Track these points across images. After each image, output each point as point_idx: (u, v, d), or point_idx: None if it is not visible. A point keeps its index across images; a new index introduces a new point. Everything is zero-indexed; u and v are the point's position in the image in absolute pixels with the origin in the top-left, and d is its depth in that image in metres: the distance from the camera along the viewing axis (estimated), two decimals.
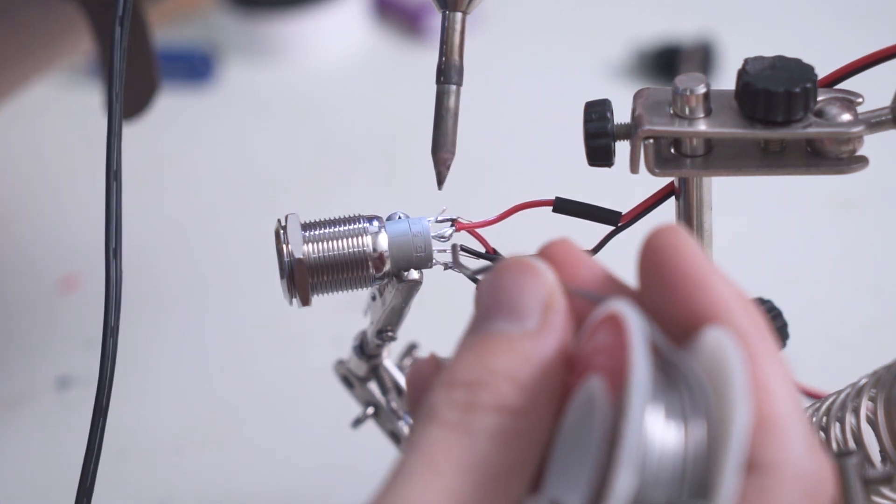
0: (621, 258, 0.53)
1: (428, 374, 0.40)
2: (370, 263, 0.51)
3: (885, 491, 0.46)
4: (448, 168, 0.52)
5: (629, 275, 0.42)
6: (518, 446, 0.35)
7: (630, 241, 0.54)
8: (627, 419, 0.32)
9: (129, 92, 0.80)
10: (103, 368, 0.52)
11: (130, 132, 1.14)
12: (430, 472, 0.34)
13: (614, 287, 0.39)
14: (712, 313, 0.36)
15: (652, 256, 0.37)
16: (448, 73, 0.52)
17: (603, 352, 0.35)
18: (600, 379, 0.34)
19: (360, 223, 0.51)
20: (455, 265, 0.51)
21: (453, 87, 0.52)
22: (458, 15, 0.52)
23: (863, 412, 0.49)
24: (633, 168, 0.48)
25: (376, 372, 0.61)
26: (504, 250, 0.53)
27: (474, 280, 0.50)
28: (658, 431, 0.33)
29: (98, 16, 0.75)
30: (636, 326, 0.34)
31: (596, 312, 0.37)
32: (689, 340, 0.36)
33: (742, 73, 0.46)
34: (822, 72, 0.47)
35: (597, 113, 0.49)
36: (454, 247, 0.52)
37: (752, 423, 0.33)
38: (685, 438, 0.33)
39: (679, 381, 0.34)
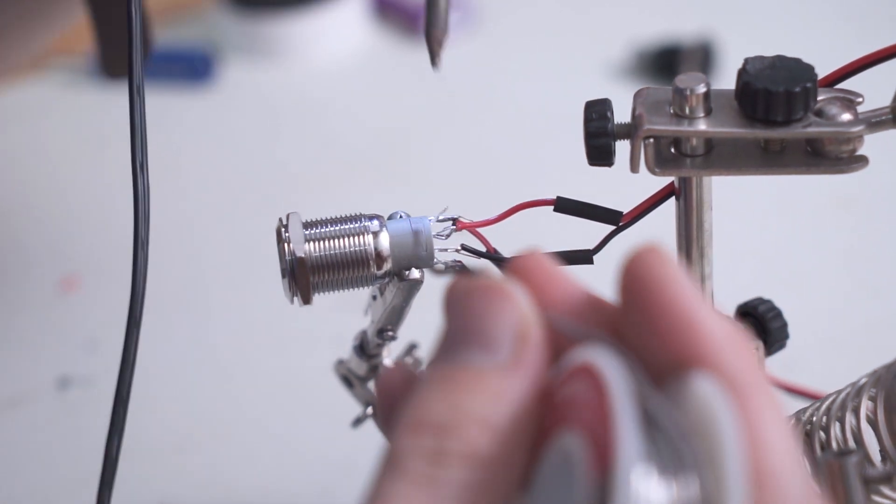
0: (622, 258, 0.54)
1: (397, 385, 0.37)
2: (371, 262, 0.51)
3: (886, 490, 0.46)
4: (441, 46, 0.51)
5: None
6: (487, 499, 0.32)
7: (631, 242, 0.54)
8: (616, 499, 0.30)
9: (119, 52, 0.80)
10: (125, 359, 0.52)
11: (129, 133, 1.14)
12: None
13: (593, 308, 0.36)
14: (699, 355, 0.32)
15: (632, 285, 0.34)
16: None
17: (580, 406, 0.32)
18: (578, 437, 0.32)
19: (361, 222, 0.51)
20: (435, 272, 0.50)
21: None
22: None
23: (863, 412, 0.49)
24: (634, 168, 0.48)
25: (376, 372, 0.62)
26: (505, 250, 0.53)
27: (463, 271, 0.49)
28: (646, 496, 0.30)
29: None
30: (619, 390, 0.31)
31: (573, 354, 0.34)
32: (673, 381, 0.33)
33: (742, 73, 0.46)
34: (822, 72, 0.47)
35: (597, 113, 0.49)
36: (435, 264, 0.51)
37: (748, 486, 0.31)
38: (675, 499, 0.30)
39: (665, 438, 0.31)
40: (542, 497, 0.33)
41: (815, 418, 0.51)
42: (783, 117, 0.46)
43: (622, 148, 0.49)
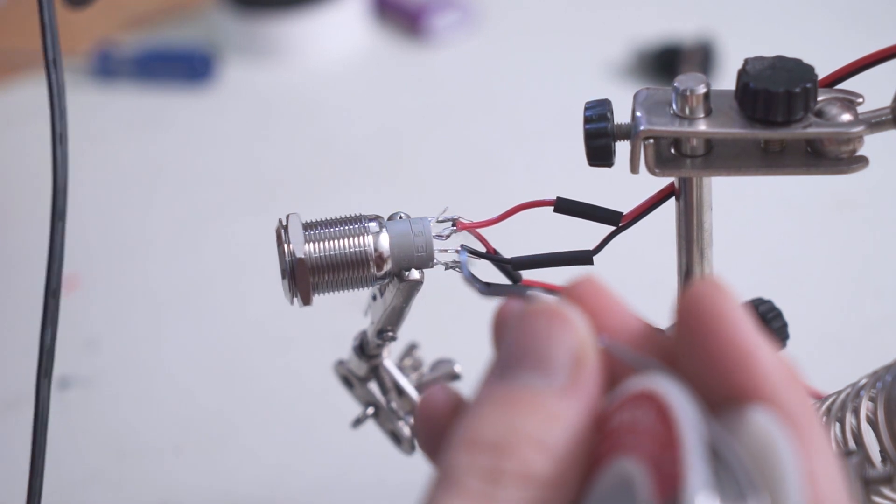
0: (622, 258, 0.54)
1: (440, 405, 0.38)
2: (371, 263, 0.51)
3: (886, 491, 0.46)
4: None
5: (630, 275, 0.42)
6: None
7: (631, 242, 0.54)
8: None
9: None
10: (44, 335, 0.52)
11: (130, 132, 1.15)
12: None
13: (648, 337, 0.36)
14: (758, 391, 0.33)
15: (691, 320, 0.34)
16: None
17: (643, 434, 0.33)
18: (640, 465, 0.32)
19: (361, 223, 0.51)
20: (468, 281, 0.50)
21: None
22: None
23: (863, 412, 0.49)
24: (633, 168, 0.48)
25: (376, 372, 0.61)
26: (505, 250, 0.53)
27: (490, 293, 0.49)
28: None
29: None
30: (689, 422, 0.32)
31: (633, 381, 0.35)
32: (730, 413, 0.34)
33: (742, 73, 0.46)
34: (822, 72, 0.47)
35: (597, 113, 0.49)
36: (467, 270, 0.51)
37: None
38: None
39: (725, 464, 0.32)
40: None
41: None
42: (783, 118, 0.46)
43: (622, 148, 0.49)
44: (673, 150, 0.49)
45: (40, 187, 1.07)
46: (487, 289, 0.50)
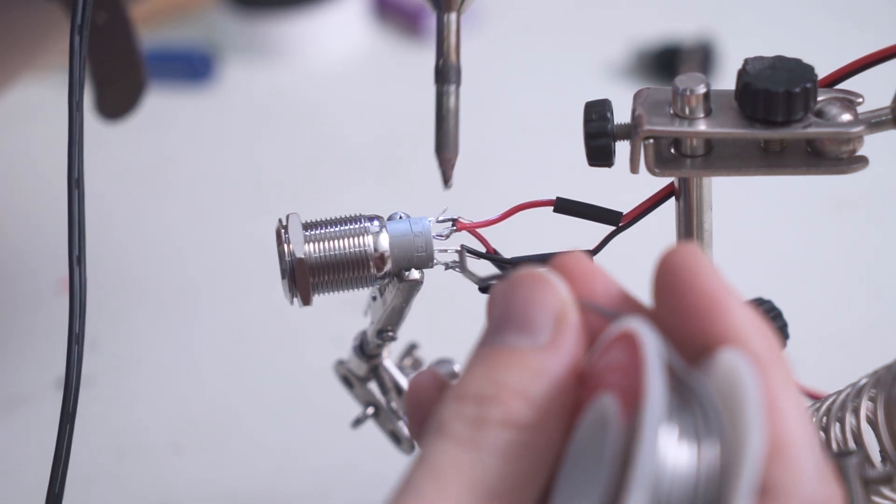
0: (622, 258, 0.54)
1: (426, 387, 0.40)
2: (371, 263, 0.51)
3: (885, 491, 0.46)
4: (452, 167, 0.52)
5: (630, 275, 0.42)
6: (526, 462, 0.35)
7: (631, 242, 0.54)
8: (641, 441, 0.32)
9: (117, 93, 0.80)
10: (69, 376, 0.53)
11: (130, 132, 1.15)
12: (437, 487, 0.34)
13: (628, 304, 0.38)
14: (727, 335, 0.35)
15: (667, 277, 0.37)
16: (447, 74, 0.52)
17: (616, 370, 0.35)
18: (613, 397, 0.34)
19: (361, 223, 0.51)
20: (462, 271, 0.51)
21: (452, 88, 0.52)
22: (453, 15, 0.52)
23: (863, 412, 0.49)
24: (633, 168, 0.48)
25: (376, 372, 0.62)
26: (505, 250, 0.53)
27: (483, 288, 0.49)
28: (671, 452, 0.33)
29: None
30: (652, 346, 0.34)
31: (610, 329, 0.37)
32: (703, 361, 0.36)
33: (742, 73, 0.46)
34: (822, 72, 0.47)
35: (597, 113, 0.49)
36: (461, 252, 0.52)
37: (767, 447, 0.33)
38: (698, 460, 0.33)
39: (693, 402, 0.34)
40: (579, 453, 0.35)
41: (814, 419, 0.51)
42: (783, 118, 0.46)
43: (622, 148, 0.49)
44: (673, 150, 0.49)
45: (39, 187, 1.07)
46: (483, 280, 0.51)
